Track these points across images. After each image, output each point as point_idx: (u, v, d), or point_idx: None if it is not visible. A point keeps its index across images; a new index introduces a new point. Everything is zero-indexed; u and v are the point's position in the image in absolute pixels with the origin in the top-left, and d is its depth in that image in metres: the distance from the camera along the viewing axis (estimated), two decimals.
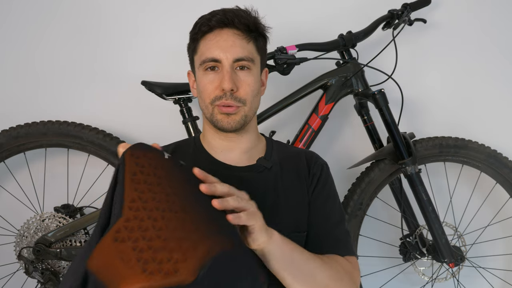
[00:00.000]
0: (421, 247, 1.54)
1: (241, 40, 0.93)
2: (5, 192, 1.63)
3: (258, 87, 0.97)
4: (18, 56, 1.62)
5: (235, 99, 0.92)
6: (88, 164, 1.61)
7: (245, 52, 0.92)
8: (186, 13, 1.63)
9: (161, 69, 1.61)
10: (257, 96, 0.97)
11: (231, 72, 0.92)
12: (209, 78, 0.93)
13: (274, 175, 0.99)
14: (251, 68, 0.94)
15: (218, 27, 0.93)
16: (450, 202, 1.69)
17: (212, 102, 0.93)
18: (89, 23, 1.62)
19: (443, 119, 1.73)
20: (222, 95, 0.92)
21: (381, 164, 1.48)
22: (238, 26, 0.92)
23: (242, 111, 0.94)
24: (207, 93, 0.94)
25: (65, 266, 1.49)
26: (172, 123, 1.57)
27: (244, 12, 0.95)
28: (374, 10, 1.54)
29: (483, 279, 1.73)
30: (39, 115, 1.53)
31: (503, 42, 1.72)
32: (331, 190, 1.03)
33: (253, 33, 0.95)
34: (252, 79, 0.94)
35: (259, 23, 0.97)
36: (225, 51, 0.91)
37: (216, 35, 0.93)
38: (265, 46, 1.01)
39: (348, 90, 1.48)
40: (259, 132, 1.07)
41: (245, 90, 0.93)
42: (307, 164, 1.03)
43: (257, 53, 0.97)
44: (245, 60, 0.93)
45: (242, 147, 1.00)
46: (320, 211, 0.99)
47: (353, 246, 1.05)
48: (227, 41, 0.92)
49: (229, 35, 0.92)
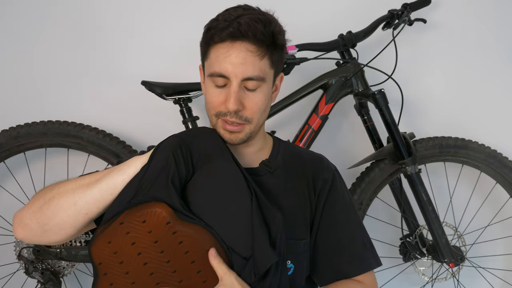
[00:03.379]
0: (421, 247, 1.54)
1: (254, 57, 0.84)
2: (5, 192, 1.63)
3: (267, 103, 0.91)
4: (18, 56, 1.62)
5: (240, 118, 0.87)
6: (88, 164, 1.60)
7: (256, 72, 0.85)
8: (186, 13, 1.64)
9: (161, 69, 1.61)
10: (265, 112, 0.92)
11: (238, 91, 0.85)
12: (216, 91, 0.88)
13: (276, 179, 0.96)
14: (260, 87, 0.88)
15: (229, 39, 0.84)
16: (450, 202, 1.69)
17: (217, 115, 0.89)
18: (89, 23, 1.62)
19: (443, 119, 1.73)
20: (227, 112, 0.87)
21: (381, 164, 1.48)
22: (252, 41, 0.84)
23: (246, 129, 0.89)
24: (212, 106, 0.89)
25: (65, 266, 1.49)
26: (172, 123, 1.57)
27: (262, 23, 0.84)
28: (374, 10, 1.53)
29: (483, 279, 1.73)
30: (39, 115, 1.53)
31: (503, 42, 1.72)
32: (339, 202, 0.98)
33: (269, 47, 0.86)
34: (261, 97, 0.88)
35: (277, 34, 0.87)
36: (235, 68, 0.84)
37: (228, 48, 0.84)
38: (282, 56, 0.93)
39: (348, 90, 1.48)
40: (266, 132, 1.03)
41: (252, 109, 0.88)
42: (315, 170, 0.99)
43: (271, 67, 0.89)
44: (255, 80, 0.86)
45: (246, 151, 0.97)
46: (327, 227, 0.96)
47: (372, 254, 0.99)
48: (238, 58, 0.84)
49: (241, 50, 0.84)
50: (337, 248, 0.96)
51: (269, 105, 0.94)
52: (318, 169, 0.99)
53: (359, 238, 0.99)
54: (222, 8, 0.90)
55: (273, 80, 0.93)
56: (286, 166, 0.98)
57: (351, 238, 0.98)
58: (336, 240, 0.96)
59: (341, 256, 0.96)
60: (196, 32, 1.67)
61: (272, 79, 0.92)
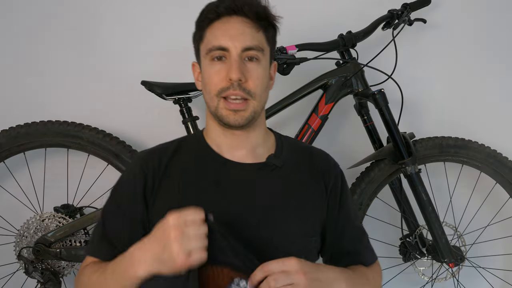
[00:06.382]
0: (421, 247, 1.54)
1: (251, 28, 0.87)
2: (5, 192, 1.63)
3: (267, 81, 0.92)
4: (18, 56, 1.62)
5: (243, 90, 0.86)
6: (88, 164, 1.60)
7: (255, 41, 0.87)
8: (187, 13, 1.63)
9: (161, 69, 1.61)
10: (265, 91, 0.92)
11: (239, 61, 0.85)
12: (215, 68, 0.87)
13: (285, 174, 0.94)
14: (260, 59, 0.88)
15: (226, 14, 0.87)
16: (450, 202, 1.69)
17: (218, 93, 0.87)
18: (89, 23, 1.62)
19: (443, 119, 1.73)
20: (229, 86, 0.85)
21: (381, 164, 1.48)
22: (247, 13, 0.87)
23: (251, 106, 0.88)
24: (213, 84, 0.87)
25: (64, 266, 1.49)
26: (172, 123, 1.56)
27: (255, 1, 0.89)
28: (374, 10, 1.53)
29: (483, 279, 1.73)
30: (39, 115, 1.53)
31: (503, 42, 1.72)
32: (349, 196, 1.03)
33: (263, 21, 0.89)
34: (261, 71, 0.89)
35: (270, 11, 0.91)
36: (234, 39, 0.85)
37: (224, 22, 0.87)
38: (275, 37, 0.95)
39: (348, 90, 1.48)
40: (267, 127, 1.02)
41: (254, 82, 0.87)
42: (324, 166, 0.99)
43: (267, 43, 0.91)
44: (255, 50, 0.87)
45: (249, 144, 0.94)
46: (349, 221, 0.99)
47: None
48: (236, 29, 0.86)
49: (238, 22, 0.86)
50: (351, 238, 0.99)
51: (268, 88, 0.95)
52: (327, 165, 1.00)
53: (365, 231, 1.04)
54: None
55: (269, 61, 0.94)
56: (294, 161, 0.97)
57: (361, 229, 1.03)
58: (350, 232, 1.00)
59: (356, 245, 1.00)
60: None
61: (268, 58, 0.93)
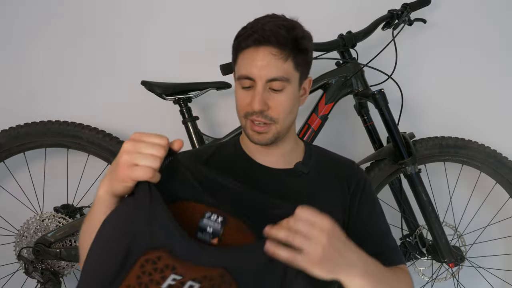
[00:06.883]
0: (421, 247, 1.54)
1: (277, 60, 0.90)
2: (5, 192, 1.63)
3: (292, 104, 0.95)
4: (18, 56, 1.61)
5: (265, 117, 0.93)
6: (88, 164, 1.61)
7: (280, 73, 0.91)
8: (187, 13, 1.64)
9: (161, 69, 1.61)
10: (291, 113, 0.97)
11: (263, 92, 0.91)
12: (243, 94, 0.95)
13: (311, 180, 1.00)
14: (285, 88, 0.93)
15: (254, 45, 0.91)
16: (450, 202, 1.69)
17: (245, 116, 0.95)
18: (89, 23, 1.62)
19: (443, 119, 1.73)
20: (253, 112, 0.93)
21: (381, 164, 1.48)
22: (275, 45, 0.90)
23: (273, 130, 0.95)
24: (241, 107, 0.96)
25: (64, 266, 1.49)
26: (172, 123, 1.56)
27: (285, 28, 0.90)
28: (374, 10, 1.53)
29: (483, 279, 1.73)
30: (39, 115, 1.53)
31: (503, 42, 1.71)
32: (375, 198, 1.05)
33: (292, 50, 0.91)
34: (285, 99, 0.93)
35: (300, 38, 0.92)
36: (260, 70, 0.90)
37: (253, 53, 0.91)
38: (307, 59, 0.97)
39: (348, 90, 1.48)
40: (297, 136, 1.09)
41: (277, 109, 0.93)
42: (348, 172, 1.04)
43: (296, 70, 0.94)
44: (279, 81, 0.91)
45: (279, 152, 1.02)
46: (370, 222, 1.01)
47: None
48: (262, 61, 0.90)
49: (265, 54, 0.90)
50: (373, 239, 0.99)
51: (296, 107, 0.99)
52: (351, 172, 1.05)
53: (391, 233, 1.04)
54: (222, 8, 0.91)
55: (299, 83, 0.97)
56: (320, 168, 1.03)
57: (388, 229, 1.03)
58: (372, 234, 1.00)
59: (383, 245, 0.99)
60: (196, 32, 1.67)
61: (297, 81, 0.96)
